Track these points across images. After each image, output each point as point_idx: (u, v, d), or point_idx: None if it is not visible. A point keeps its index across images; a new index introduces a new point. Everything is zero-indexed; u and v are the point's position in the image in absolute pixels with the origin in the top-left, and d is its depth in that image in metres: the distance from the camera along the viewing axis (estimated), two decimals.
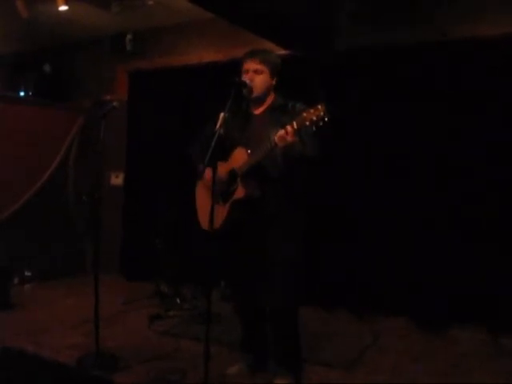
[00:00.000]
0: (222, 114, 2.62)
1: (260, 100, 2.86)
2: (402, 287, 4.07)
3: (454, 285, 3.86)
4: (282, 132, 2.52)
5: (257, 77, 2.77)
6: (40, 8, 4.67)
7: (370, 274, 4.19)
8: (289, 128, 2.50)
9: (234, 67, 2.90)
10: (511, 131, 3.76)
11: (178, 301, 4.42)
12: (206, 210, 2.66)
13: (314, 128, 2.45)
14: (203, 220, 2.94)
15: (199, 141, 3.01)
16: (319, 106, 2.44)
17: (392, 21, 4.16)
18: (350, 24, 4.27)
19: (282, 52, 4.33)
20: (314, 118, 2.43)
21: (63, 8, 4.47)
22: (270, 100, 2.88)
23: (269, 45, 4.21)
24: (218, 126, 2.58)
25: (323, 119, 2.42)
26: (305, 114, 2.46)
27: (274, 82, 2.85)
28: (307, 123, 2.45)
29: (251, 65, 2.78)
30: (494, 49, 3.81)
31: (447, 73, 3.98)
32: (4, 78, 5.92)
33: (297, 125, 2.48)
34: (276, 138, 2.54)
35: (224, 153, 2.80)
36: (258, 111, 2.89)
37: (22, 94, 5.61)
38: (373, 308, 4.18)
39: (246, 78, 2.77)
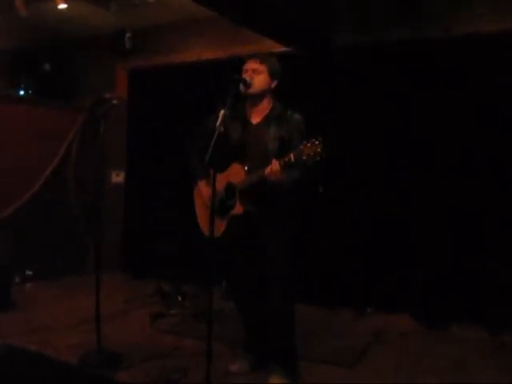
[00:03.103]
0: (222, 112, 2.61)
1: (257, 99, 2.84)
2: (403, 285, 4.06)
3: (456, 282, 3.86)
4: (268, 170, 2.59)
5: (255, 76, 2.80)
6: (39, 6, 4.65)
7: (371, 272, 4.19)
8: (276, 166, 2.56)
9: (233, 64, 2.90)
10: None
11: (180, 299, 4.42)
12: (205, 218, 2.88)
13: (309, 162, 2.47)
14: (203, 227, 3.01)
15: (197, 139, 3.00)
16: (317, 142, 2.46)
17: (391, 19, 4.14)
18: (348, 22, 4.26)
19: (282, 49, 4.31)
20: (312, 154, 2.45)
21: (62, 6, 4.46)
22: (268, 107, 2.87)
23: (268, 42, 4.20)
24: (218, 123, 2.57)
25: (320, 156, 2.45)
26: (301, 147, 2.49)
27: (273, 85, 2.85)
28: (304, 158, 2.48)
29: (250, 65, 2.81)
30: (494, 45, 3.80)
31: (447, 70, 3.96)
32: (3, 77, 5.91)
33: (294, 157, 2.51)
34: (266, 174, 2.61)
35: (222, 156, 2.79)
36: (255, 120, 2.88)
37: (21, 93, 5.60)
38: (374, 306, 4.18)
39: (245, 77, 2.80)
